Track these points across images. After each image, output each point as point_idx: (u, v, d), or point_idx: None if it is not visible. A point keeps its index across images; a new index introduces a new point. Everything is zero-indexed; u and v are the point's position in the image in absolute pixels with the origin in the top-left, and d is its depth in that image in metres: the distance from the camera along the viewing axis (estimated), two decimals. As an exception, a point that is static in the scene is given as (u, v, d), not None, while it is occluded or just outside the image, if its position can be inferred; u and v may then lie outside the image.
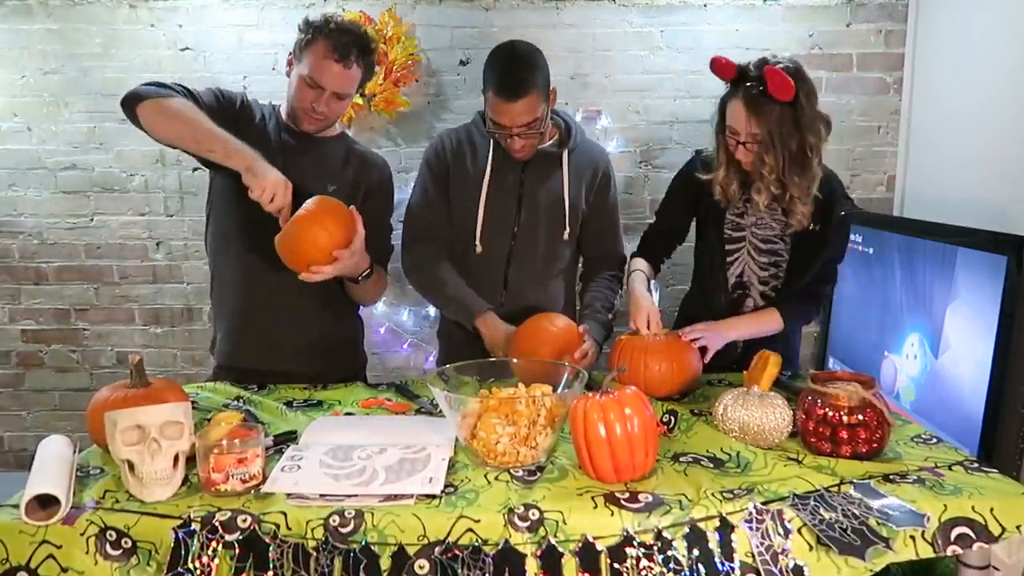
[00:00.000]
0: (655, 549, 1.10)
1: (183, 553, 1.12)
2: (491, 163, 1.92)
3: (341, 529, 1.13)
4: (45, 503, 1.16)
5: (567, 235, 1.94)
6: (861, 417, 1.32)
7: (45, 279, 2.92)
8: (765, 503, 1.17)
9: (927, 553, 1.15)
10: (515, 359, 1.58)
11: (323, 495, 1.20)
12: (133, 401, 1.32)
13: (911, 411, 2.28)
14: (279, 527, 1.14)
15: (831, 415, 1.34)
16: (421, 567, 1.10)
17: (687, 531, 1.12)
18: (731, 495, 1.19)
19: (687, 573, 1.10)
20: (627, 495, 1.20)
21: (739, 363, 1.81)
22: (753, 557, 1.11)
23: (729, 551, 1.11)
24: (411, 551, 1.11)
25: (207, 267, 2.87)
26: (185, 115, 1.61)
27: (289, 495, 1.20)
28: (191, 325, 2.97)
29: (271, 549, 1.12)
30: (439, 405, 1.40)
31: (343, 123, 2.77)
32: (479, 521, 1.14)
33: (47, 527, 1.14)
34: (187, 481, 1.26)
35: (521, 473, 1.29)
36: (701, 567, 1.10)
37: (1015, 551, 1.18)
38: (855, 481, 1.24)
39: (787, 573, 1.11)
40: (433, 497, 1.20)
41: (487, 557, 1.10)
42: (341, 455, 1.32)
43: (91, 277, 2.92)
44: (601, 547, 1.11)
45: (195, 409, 1.61)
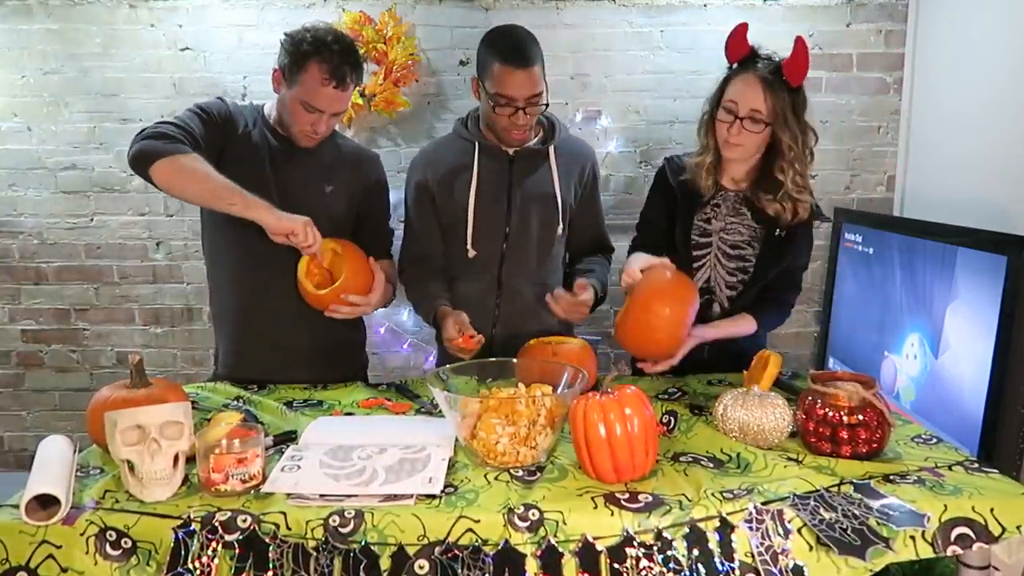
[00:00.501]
0: (655, 549, 1.10)
1: (183, 553, 1.12)
2: (477, 168, 1.91)
3: (341, 529, 1.13)
4: (45, 503, 1.16)
5: (560, 230, 1.94)
6: (861, 417, 1.32)
7: (45, 279, 2.92)
8: (765, 503, 1.17)
9: (927, 553, 1.15)
10: (515, 359, 1.58)
11: (323, 495, 1.20)
12: (133, 401, 1.32)
13: (911, 411, 2.28)
14: (279, 527, 1.14)
15: (831, 415, 1.34)
16: (421, 567, 1.10)
17: (687, 531, 1.12)
18: (731, 495, 1.19)
19: (687, 573, 1.10)
20: (627, 495, 1.20)
21: (707, 366, 1.85)
22: (753, 557, 1.11)
23: (729, 551, 1.11)
24: (411, 551, 1.11)
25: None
26: (199, 173, 1.60)
27: (289, 495, 1.20)
28: (191, 325, 2.96)
29: (271, 549, 1.12)
30: (439, 405, 1.40)
31: (343, 123, 2.78)
32: (479, 521, 1.14)
33: (47, 527, 1.14)
34: (187, 481, 1.26)
35: (521, 473, 1.29)
36: (701, 567, 1.10)
37: (1015, 551, 1.18)
38: (855, 481, 1.24)
39: (787, 573, 1.11)
40: (433, 497, 1.20)
41: (487, 557, 1.10)
42: (341, 455, 1.32)
43: (91, 277, 2.92)
44: (601, 547, 1.11)
45: (195, 409, 1.61)
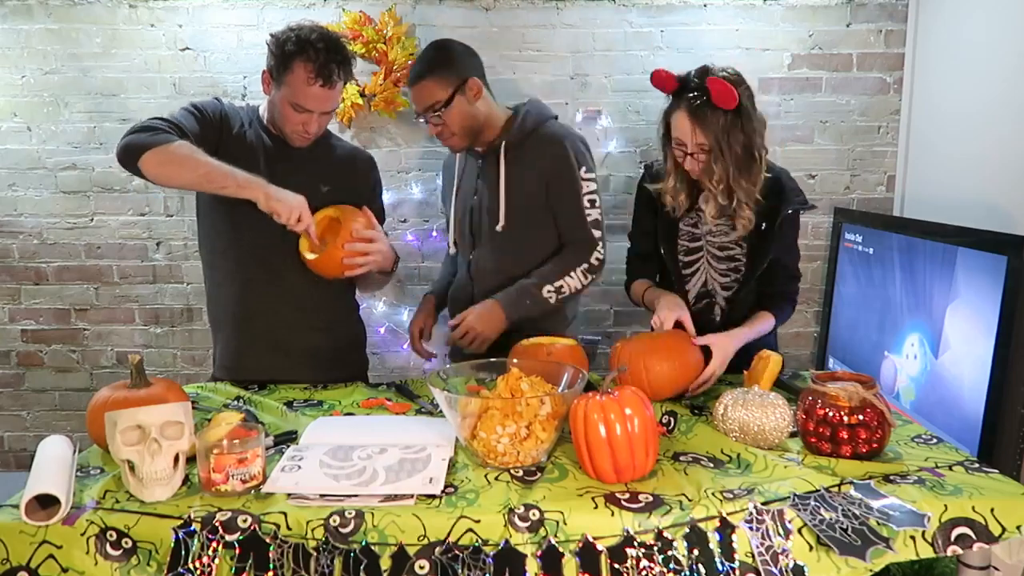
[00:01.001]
0: (655, 549, 1.10)
1: (183, 553, 1.12)
2: (462, 166, 2.03)
3: (341, 529, 1.13)
4: (45, 503, 1.16)
5: (502, 226, 1.91)
6: (861, 417, 1.32)
7: (45, 279, 2.92)
8: (765, 503, 1.17)
9: (927, 553, 1.15)
10: (515, 359, 1.58)
11: (323, 495, 1.20)
12: (133, 401, 1.32)
13: (911, 411, 2.28)
14: (279, 527, 1.14)
15: (831, 415, 1.34)
16: (421, 567, 1.10)
17: (687, 531, 1.12)
18: (731, 495, 1.19)
19: (687, 573, 1.10)
20: (627, 495, 1.20)
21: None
22: (753, 557, 1.11)
23: (729, 551, 1.12)
24: (411, 551, 1.11)
25: (207, 267, 2.91)
26: (190, 159, 1.61)
27: (289, 495, 1.20)
28: (191, 325, 2.96)
29: (271, 549, 1.12)
30: (439, 405, 1.40)
31: (343, 123, 2.78)
32: (479, 521, 1.14)
33: (47, 527, 1.14)
34: (187, 481, 1.26)
35: (521, 473, 1.29)
36: (701, 567, 1.10)
37: (1015, 551, 1.18)
38: (855, 481, 1.24)
39: (787, 573, 1.11)
40: (433, 497, 1.20)
41: (487, 557, 1.10)
42: (341, 455, 1.32)
43: (91, 277, 2.92)
44: (601, 547, 1.11)
45: (195, 409, 1.61)
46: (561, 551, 1.10)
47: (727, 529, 1.13)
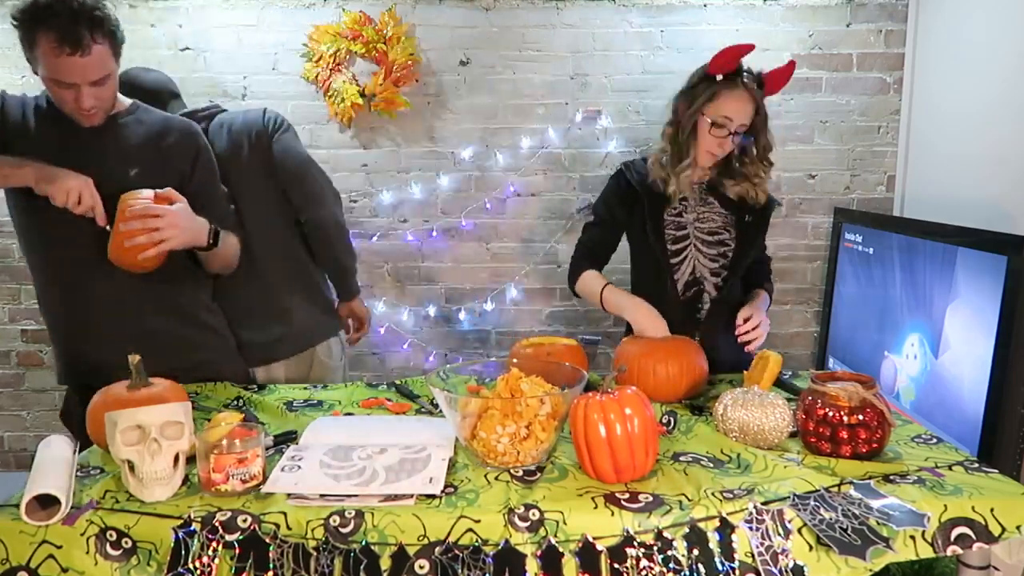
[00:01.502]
0: (655, 549, 1.10)
1: (183, 553, 1.12)
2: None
3: (341, 529, 1.13)
4: (45, 503, 1.16)
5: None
6: (861, 417, 1.32)
7: (45, 279, 2.92)
8: (765, 503, 1.17)
9: (927, 553, 1.15)
10: (515, 359, 1.58)
11: (323, 495, 1.20)
12: (133, 401, 1.32)
13: (911, 411, 2.28)
14: (279, 527, 1.14)
15: (831, 415, 1.34)
16: (421, 567, 1.10)
17: (687, 531, 1.12)
18: (731, 495, 1.19)
19: (687, 573, 1.10)
20: (627, 495, 1.20)
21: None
22: (753, 557, 1.11)
23: (729, 551, 1.11)
24: (411, 551, 1.11)
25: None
26: None
27: (289, 495, 1.20)
28: (191, 325, 2.96)
29: (271, 549, 1.12)
30: (439, 405, 1.40)
31: (343, 123, 2.78)
32: (479, 521, 1.14)
33: (47, 527, 1.14)
34: (187, 481, 1.26)
35: (521, 473, 1.29)
36: (701, 567, 1.10)
37: (1015, 551, 1.18)
38: (855, 481, 1.24)
39: (787, 573, 1.11)
40: (433, 497, 1.20)
41: (487, 557, 1.10)
42: (341, 455, 1.32)
43: (91, 277, 2.92)
44: (601, 547, 1.11)
45: (195, 409, 1.61)
46: (561, 551, 1.10)
47: (727, 529, 1.13)
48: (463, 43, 2.79)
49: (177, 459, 1.23)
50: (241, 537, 1.12)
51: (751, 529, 1.13)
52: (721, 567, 1.10)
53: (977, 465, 1.31)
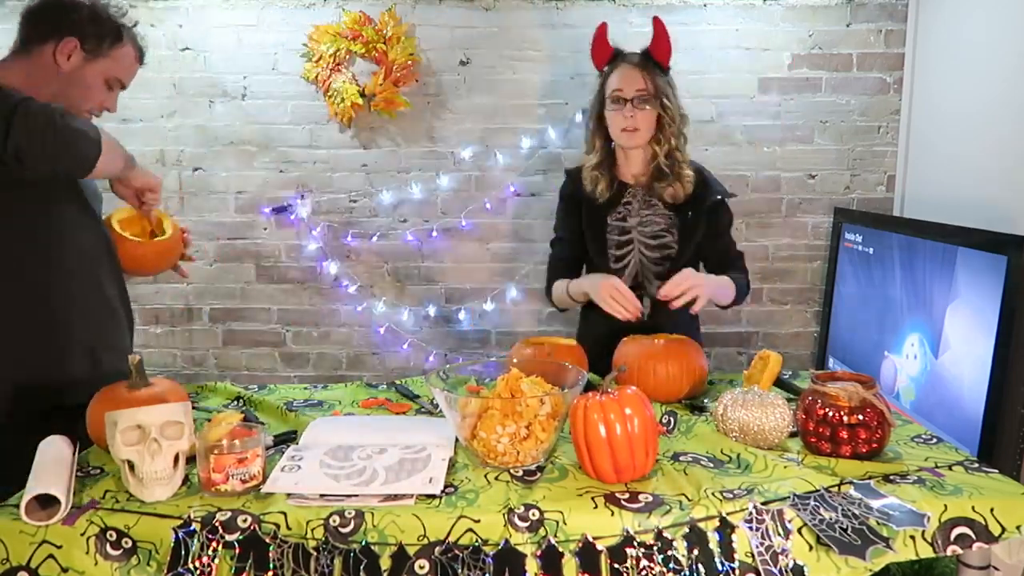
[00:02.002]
0: (655, 549, 1.10)
1: (183, 553, 1.12)
2: None
3: (341, 529, 1.13)
4: (45, 503, 1.16)
5: None
6: (861, 417, 1.32)
7: (45, 279, 2.92)
8: (765, 503, 1.17)
9: (927, 553, 1.15)
10: (515, 359, 1.58)
11: (323, 495, 1.20)
12: (133, 401, 1.32)
13: (911, 411, 2.28)
14: (279, 527, 1.14)
15: (831, 415, 1.34)
16: (421, 567, 1.10)
17: (687, 531, 1.12)
18: (731, 495, 1.19)
19: (687, 573, 1.10)
20: (627, 495, 1.20)
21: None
22: (753, 557, 1.11)
23: (729, 551, 1.11)
24: (411, 551, 1.11)
25: (207, 267, 2.91)
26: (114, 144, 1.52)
27: (289, 495, 1.20)
28: (191, 325, 2.97)
29: (271, 549, 1.12)
30: (439, 405, 1.40)
31: (343, 123, 2.78)
32: (479, 521, 1.14)
33: (47, 527, 1.14)
34: (187, 481, 1.26)
35: (521, 473, 1.29)
36: (701, 567, 1.10)
37: (1015, 551, 1.18)
38: (855, 481, 1.24)
39: (787, 573, 1.11)
40: (433, 497, 1.20)
41: (487, 557, 1.10)
42: (341, 455, 1.32)
43: (91, 277, 2.92)
44: (601, 547, 1.11)
45: (195, 409, 1.61)
46: (561, 551, 1.10)
47: (727, 529, 1.13)
48: (463, 43, 2.79)
49: (177, 459, 1.23)
50: (241, 537, 1.12)
51: (751, 529, 1.13)
52: (721, 567, 1.10)
53: (977, 465, 1.31)
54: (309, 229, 2.88)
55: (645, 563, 1.09)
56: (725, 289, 1.87)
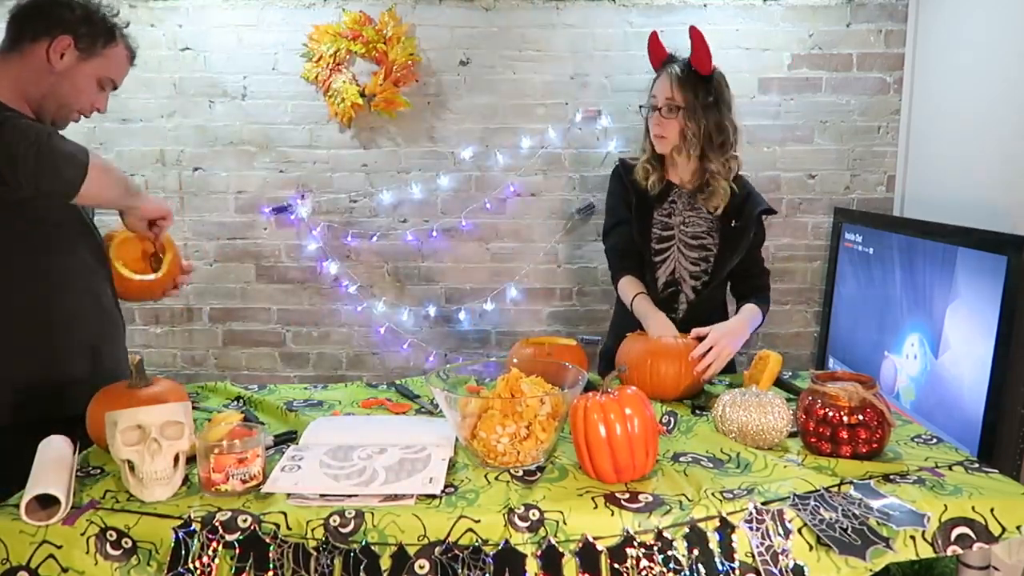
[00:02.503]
0: (655, 549, 1.10)
1: (183, 553, 1.12)
2: None
3: (341, 529, 1.13)
4: (45, 503, 1.16)
5: None
6: (861, 417, 1.32)
7: (45, 279, 2.91)
8: (765, 503, 1.17)
9: (927, 553, 1.15)
10: (515, 359, 1.58)
11: (323, 495, 1.20)
12: (133, 401, 1.32)
13: (911, 411, 2.28)
14: (279, 527, 1.14)
15: (831, 415, 1.34)
16: (421, 567, 1.10)
17: (687, 531, 1.13)
18: (731, 495, 1.19)
19: (687, 573, 1.10)
20: (627, 495, 1.20)
21: None
22: (753, 557, 1.11)
23: (729, 551, 1.12)
24: (411, 551, 1.11)
25: (208, 267, 2.91)
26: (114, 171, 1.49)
27: (289, 495, 1.20)
28: (191, 325, 2.97)
29: (271, 549, 1.12)
30: (439, 405, 1.40)
31: (343, 123, 2.78)
32: (479, 521, 1.14)
33: (47, 527, 1.14)
34: (187, 481, 1.26)
35: (521, 473, 1.29)
36: (701, 567, 1.10)
37: (1015, 551, 1.18)
38: (855, 481, 1.24)
39: (787, 573, 1.11)
40: (433, 497, 1.20)
41: (487, 557, 1.10)
42: (341, 455, 1.32)
43: (91, 277, 2.92)
44: (601, 547, 1.11)
45: (195, 409, 1.61)
46: (561, 551, 1.10)
47: (727, 529, 1.13)
48: (463, 43, 2.78)
49: (177, 459, 1.23)
50: (241, 537, 1.12)
51: (751, 529, 1.13)
52: (721, 567, 1.10)
53: (977, 465, 1.31)
54: (309, 229, 2.88)
55: (645, 563, 1.09)
56: (752, 327, 1.88)
